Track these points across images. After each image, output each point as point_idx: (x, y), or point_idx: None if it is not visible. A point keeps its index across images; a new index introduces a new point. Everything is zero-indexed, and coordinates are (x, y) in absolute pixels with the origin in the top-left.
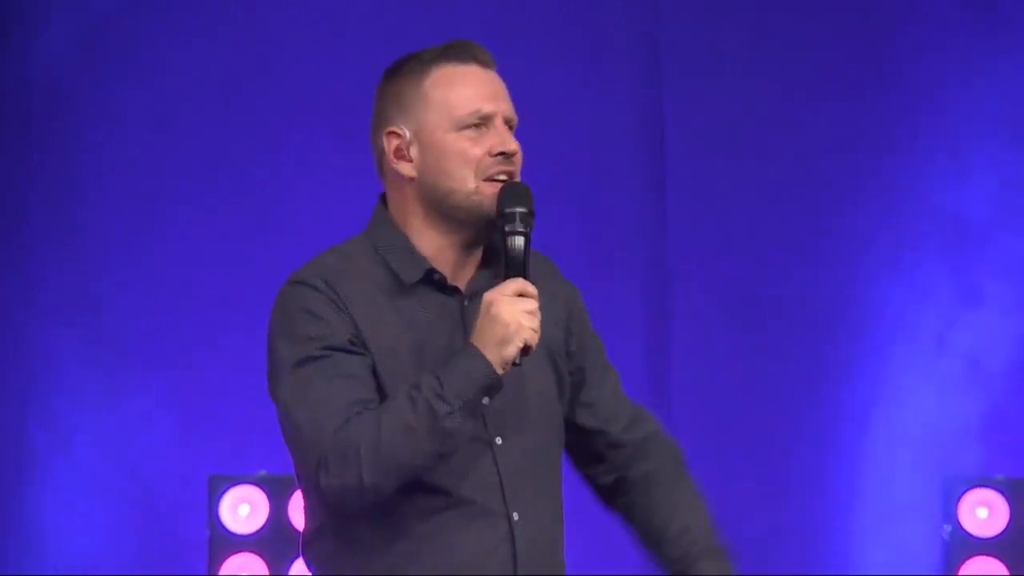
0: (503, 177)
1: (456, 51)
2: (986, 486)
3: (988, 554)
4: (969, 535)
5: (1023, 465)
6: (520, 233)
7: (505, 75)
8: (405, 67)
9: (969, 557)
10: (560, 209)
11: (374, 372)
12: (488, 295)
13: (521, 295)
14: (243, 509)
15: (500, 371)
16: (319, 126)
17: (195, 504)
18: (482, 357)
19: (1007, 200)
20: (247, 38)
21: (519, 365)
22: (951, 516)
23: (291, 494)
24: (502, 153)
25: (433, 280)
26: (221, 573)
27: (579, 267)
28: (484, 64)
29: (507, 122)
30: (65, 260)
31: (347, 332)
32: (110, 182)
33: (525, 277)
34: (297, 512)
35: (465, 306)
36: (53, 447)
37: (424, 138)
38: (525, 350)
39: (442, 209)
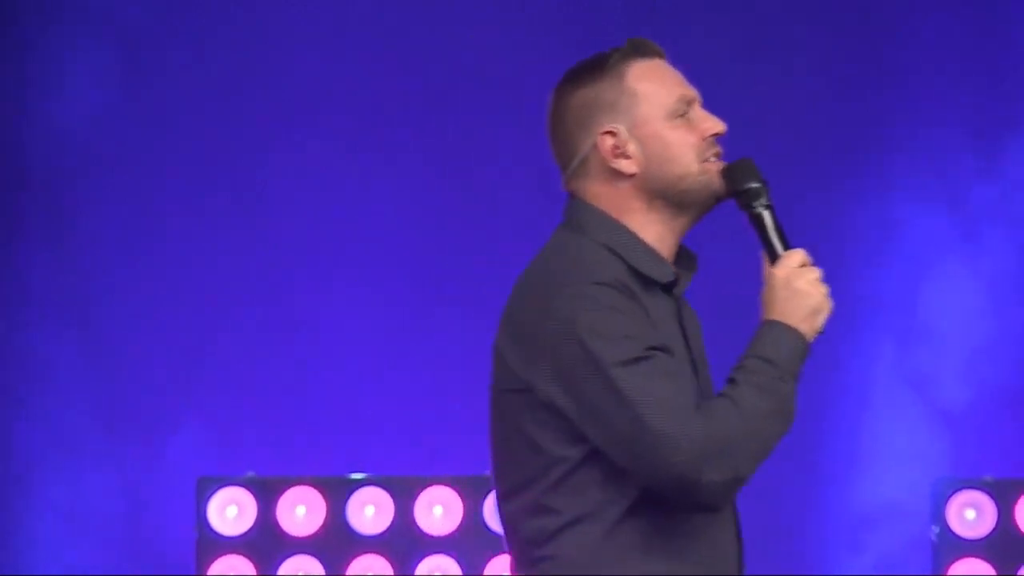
0: (714, 159)
1: (641, 47)
2: (974, 488)
3: (976, 555)
4: (957, 536)
5: (1011, 466)
6: (769, 206)
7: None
8: (594, 72)
9: (957, 558)
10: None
11: None
12: (779, 271)
13: (803, 265)
14: (231, 511)
15: (810, 342)
16: (317, 127)
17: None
18: (797, 331)
19: (1001, 198)
20: (243, 38)
21: (822, 333)
22: (939, 517)
23: (280, 495)
24: (714, 134)
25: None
26: (209, 574)
27: None
28: (663, 56)
29: (701, 104)
30: (56, 260)
31: (654, 330)
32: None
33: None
34: (286, 513)
35: (679, 301)
36: (44, 449)
37: (641, 131)
38: None
39: (670, 197)
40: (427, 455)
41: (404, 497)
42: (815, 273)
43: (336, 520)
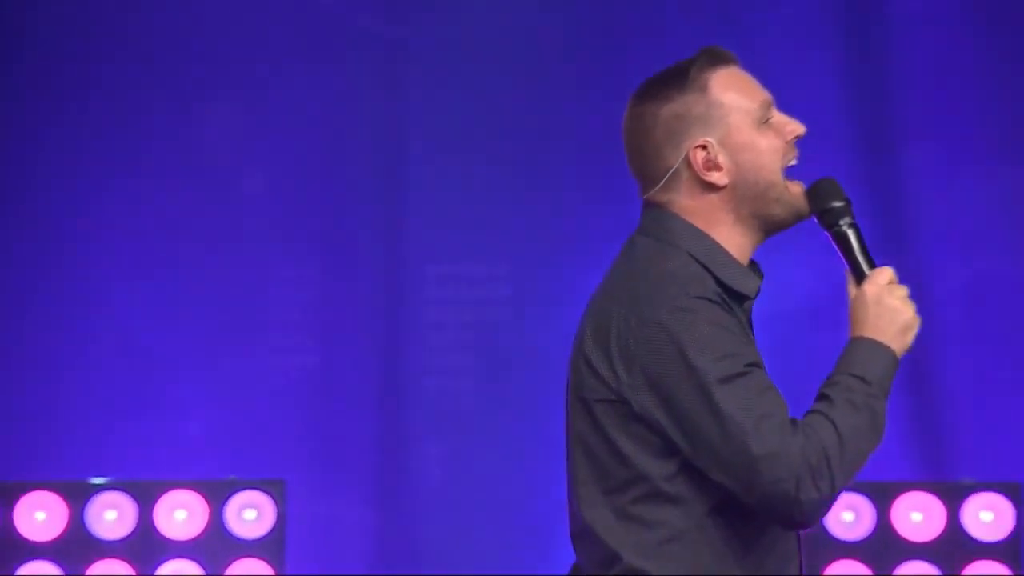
0: (794, 162)
1: (717, 56)
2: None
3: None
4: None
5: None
6: (854, 224)
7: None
8: (678, 85)
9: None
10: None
11: None
12: (869, 288)
13: (891, 282)
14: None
15: (900, 358)
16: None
17: None
18: (888, 348)
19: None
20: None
21: (911, 350)
22: None
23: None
24: (796, 136)
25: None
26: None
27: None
28: (738, 62)
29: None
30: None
31: (750, 346)
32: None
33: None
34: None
35: (749, 314)
36: None
37: (732, 141)
38: None
39: (757, 208)
40: (169, 459)
41: (146, 501)
42: (904, 290)
43: (76, 525)
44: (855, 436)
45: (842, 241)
